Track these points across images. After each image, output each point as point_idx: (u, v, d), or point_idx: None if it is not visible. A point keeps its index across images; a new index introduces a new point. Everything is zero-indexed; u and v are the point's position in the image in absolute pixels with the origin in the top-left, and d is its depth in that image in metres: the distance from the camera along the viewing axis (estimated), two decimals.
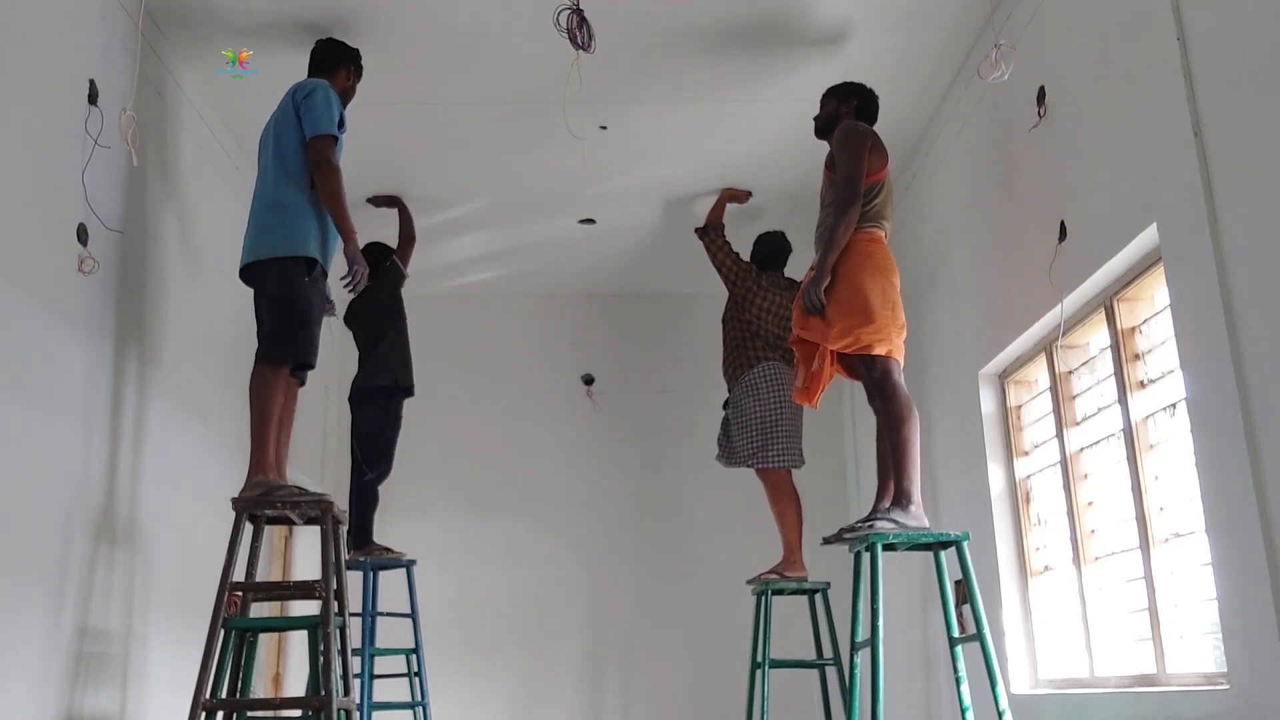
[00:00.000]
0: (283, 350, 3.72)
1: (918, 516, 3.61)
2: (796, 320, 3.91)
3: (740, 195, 5.66)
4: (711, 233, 5.49)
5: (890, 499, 3.70)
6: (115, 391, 3.81)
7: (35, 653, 3.23)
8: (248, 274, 3.83)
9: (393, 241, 5.64)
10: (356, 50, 4.18)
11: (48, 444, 3.35)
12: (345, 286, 3.91)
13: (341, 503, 3.96)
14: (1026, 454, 4.36)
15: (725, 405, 5.22)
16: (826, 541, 3.78)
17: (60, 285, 3.43)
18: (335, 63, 4.11)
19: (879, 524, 3.55)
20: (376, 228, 5.89)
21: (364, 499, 5.19)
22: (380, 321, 5.37)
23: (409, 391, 5.36)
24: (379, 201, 5.72)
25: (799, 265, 5.25)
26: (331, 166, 3.83)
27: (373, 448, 5.18)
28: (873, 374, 3.71)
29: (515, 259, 6.63)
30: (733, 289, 5.28)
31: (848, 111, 4.12)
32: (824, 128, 4.19)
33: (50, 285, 3.38)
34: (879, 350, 3.69)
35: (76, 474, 3.50)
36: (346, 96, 4.13)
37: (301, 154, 3.83)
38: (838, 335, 3.70)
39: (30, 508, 3.23)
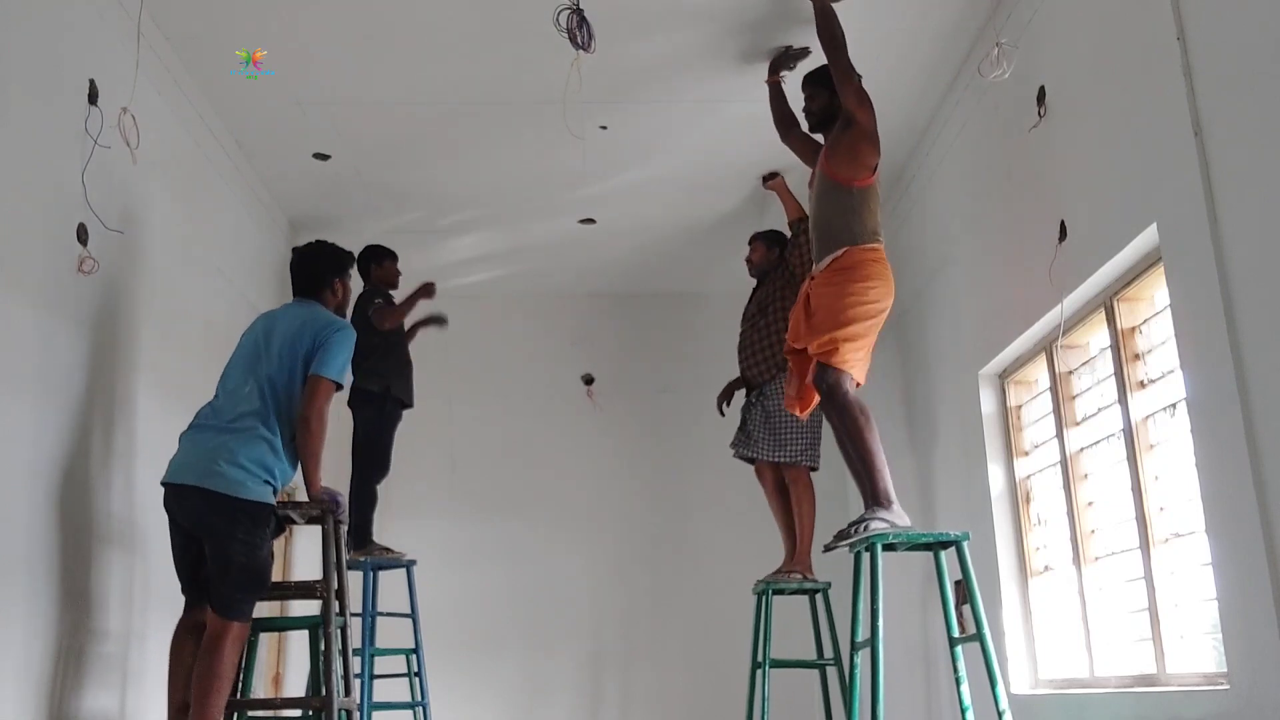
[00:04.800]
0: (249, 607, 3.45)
1: (899, 514, 3.62)
2: (791, 331, 3.95)
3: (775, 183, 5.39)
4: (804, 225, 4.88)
5: (870, 501, 3.70)
6: (115, 392, 3.82)
7: (35, 652, 3.23)
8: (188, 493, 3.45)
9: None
10: (349, 256, 4.02)
11: (47, 444, 3.35)
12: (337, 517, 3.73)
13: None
14: (1026, 454, 4.36)
15: (755, 397, 5.11)
16: (828, 548, 3.78)
17: (60, 285, 3.43)
18: (323, 278, 3.90)
19: (874, 525, 3.55)
20: (380, 232, 5.91)
21: (364, 499, 5.21)
22: (371, 329, 5.43)
23: (403, 402, 5.38)
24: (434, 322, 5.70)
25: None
26: (324, 420, 3.60)
27: (369, 450, 5.24)
28: (825, 381, 3.72)
29: (515, 259, 6.63)
30: (795, 289, 5.04)
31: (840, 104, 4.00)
32: (822, 121, 4.09)
33: (50, 285, 3.38)
34: (844, 366, 3.69)
35: (76, 474, 3.50)
36: (341, 311, 3.97)
37: (290, 389, 3.60)
38: (820, 343, 3.73)
39: (30, 508, 3.23)
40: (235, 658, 3.39)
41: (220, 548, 3.40)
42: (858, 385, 3.76)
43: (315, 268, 3.91)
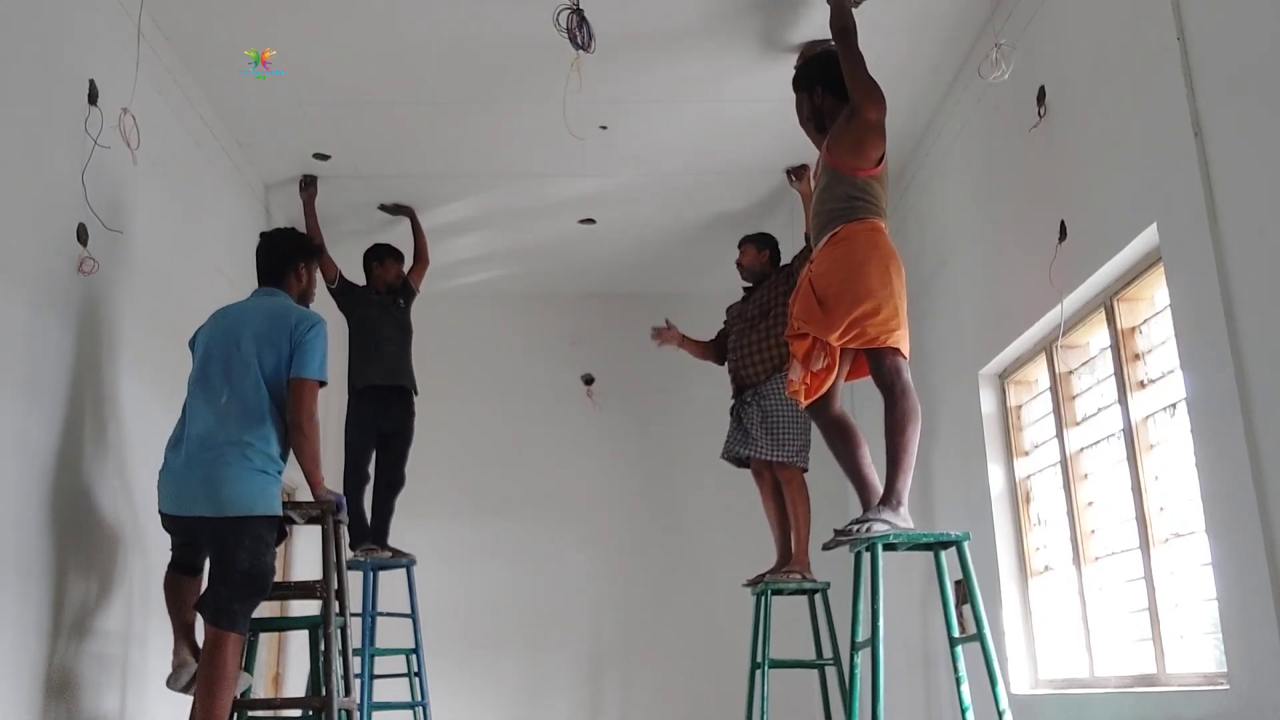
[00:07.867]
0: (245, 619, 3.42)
1: (905, 518, 3.58)
2: (797, 312, 3.78)
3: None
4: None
5: (881, 500, 3.66)
6: (114, 392, 3.81)
7: (35, 652, 3.23)
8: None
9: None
10: (315, 245, 3.94)
11: (47, 444, 3.35)
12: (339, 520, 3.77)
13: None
14: (1026, 454, 4.36)
15: (750, 396, 5.08)
16: (827, 547, 3.76)
17: (60, 285, 3.43)
18: (288, 262, 3.84)
19: (875, 526, 3.54)
20: (380, 226, 5.92)
21: (347, 495, 5.28)
22: (356, 323, 5.51)
23: (367, 385, 5.39)
24: (389, 209, 5.74)
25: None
26: (315, 421, 3.55)
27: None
28: (881, 371, 3.63)
29: (515, 259, 6.63)
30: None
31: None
32: (819, 122, 4.02)
33: (50, 285, 3.38)
34: (887, 342, 3.59)
35: (76, 475, 3.50)
36: (305, 299, 3.90)
37: (276, 387, 3.54)
38: (844, 330, 3.59)
39: (29, 509, 3.23)
40: (236, 662, 3.38)
41: (225, 554, 3.38)
42: (904, 358, 3.64)
43: (281, 252, 3.85)
